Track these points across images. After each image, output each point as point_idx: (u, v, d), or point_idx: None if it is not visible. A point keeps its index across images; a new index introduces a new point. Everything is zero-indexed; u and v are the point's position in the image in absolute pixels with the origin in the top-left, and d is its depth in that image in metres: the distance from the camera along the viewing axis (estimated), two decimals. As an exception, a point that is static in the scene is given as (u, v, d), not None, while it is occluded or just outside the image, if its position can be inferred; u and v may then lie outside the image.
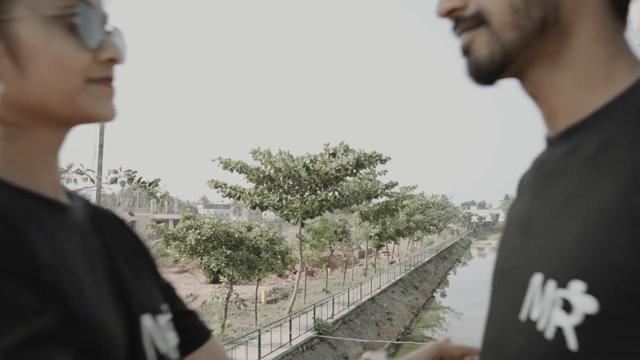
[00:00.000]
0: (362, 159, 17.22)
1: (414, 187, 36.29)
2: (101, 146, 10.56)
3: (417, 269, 35.03)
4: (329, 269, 28.70)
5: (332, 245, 27.29)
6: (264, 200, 18.61)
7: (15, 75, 0.58)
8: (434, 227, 48.62)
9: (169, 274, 34.72)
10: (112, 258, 0.67)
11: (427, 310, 29.18)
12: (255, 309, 21.18)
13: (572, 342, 0.49)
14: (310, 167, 16.97)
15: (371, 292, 23.45)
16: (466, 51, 0.62)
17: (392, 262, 36.45)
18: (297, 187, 17.64)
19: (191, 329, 0.76)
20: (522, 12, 0.57)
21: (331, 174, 17.02)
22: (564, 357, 0.50)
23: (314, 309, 17.08)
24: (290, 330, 15.15)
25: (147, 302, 0.68)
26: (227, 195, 19.10)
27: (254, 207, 18.98)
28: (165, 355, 0.66)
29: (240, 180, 21.36)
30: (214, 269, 18.69)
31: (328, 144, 17.80)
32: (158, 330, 0.67)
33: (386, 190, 22.60)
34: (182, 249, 18.81)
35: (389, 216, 29.46)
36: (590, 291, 0.48)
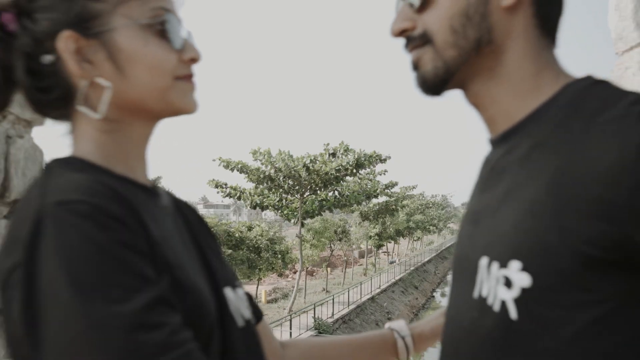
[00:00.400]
0: (362, 159, 17.25)
1: (413, 187, 36.31)
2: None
3: (417, 268, 35.02)
4: (329, 269, 28.75)
5: (332, 245, 27.33)
6: (264, 200, 18.63)
7: (116, 78, 0.66)
8: (434, 227, 48.62)
9: None
10: (195, 237, 0.74)
11: (427, 310, 29.18)
12: (255, 309, 21.32)
13: (513, 313, 0.58)
14: (310, 167, 17.00)
15: (371, 291, 23.47)
16: (415, 66, 0.71)
17: (392, 262, 36.47)
18: (297, 187, 17.67)
19: (251, 307, 0.82)
20: (460, 33, 0.66)
21: (331, 174, 17.06)
22: (507, 326, 0.59)
23: (314, 309, 17.10)
24: (291, 330, 15.17)
25: (227, 277, 0.75)
26: (227, 195, 19.12)
27: (254, 207, 19.00)
28: (249, 321, 0.74)
29: (240, 181, 21.40)
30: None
31: (328, 144, 17.83)
32: (239, 300, 0.74)
33: (386, 190, 22.62)
34: None
35: (389, 216, 29.48)
36: (525, 268, 0.57)
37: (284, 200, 18.53)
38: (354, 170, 17.47)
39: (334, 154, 17.57)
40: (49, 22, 0.65)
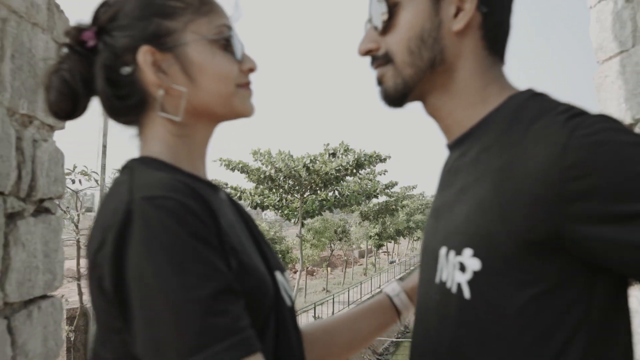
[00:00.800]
0: (362, 159, 17.27)
1: (413, 187, 36.29)
2: (104, 147, 10.66)
3: (417, 268, 35.02)
4: (329, 269, 28.77)
5: (332, 245, 27.34)
6: (265, 200, 18.66)
7: (187, 86, 0.75)
8: (434, 227, 48.44)
9: None
10: (248, 226, 0.81)
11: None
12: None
13: (466, 293, 0.67)
14: (311, 167, 17.03)
15: (371, 291, 23.53)
16: (379, 82, 0.80)
17: (392, 262, 36.49)
18: (297, 187, 17.71)
19: None
20: (416, 54, 0.75)
21: (331, 174, 17.08)
22: (462, 305, 0.68)
23: (314, 308, 17.18)
24: None
25: (276, 262, 0.82)
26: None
27: (254, 207, 18.99)
28: (294, 302, 0.81)
29: (240, 181, 21.37)
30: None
31: (328, 144, 17.86)
32: (286, 282, 0.81)
33: (386, 190, 22.65)
34: None
35: (389, 216, 29.51)
36: (475, 255, 0.66)
37: (284, 200, 18.57)
38: (354, 170, 17.49)
39: (334, 154, 17.60)
40: (129, 38, 0.74)
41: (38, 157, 1.57)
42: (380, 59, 0.79)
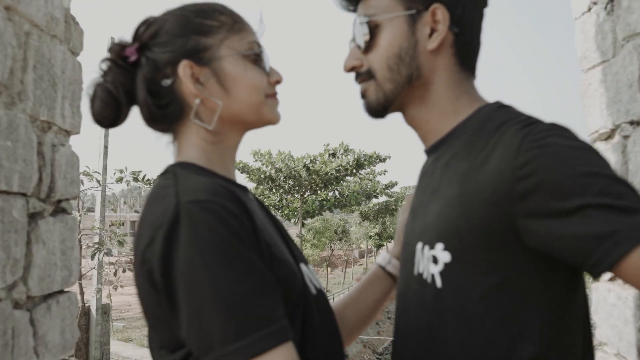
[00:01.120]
0: (362, 159, 17.35)
1: (413, 187, 36.23)
2: (106, 147, 10.74)
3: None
4: (329, 268, 28.85)
5: (332, 245, 27.44)
6: (265, 200, 18.72)
7: (222, 96, 0.82)
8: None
9: None
10: (274, 222, 0.87)
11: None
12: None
13: (438, 282, 0.76)
14: (311, 167, 17.11)
15: (371, 290, 23.52)
16: (363, 95, 0.89)
17: (392, 262, 36.40)
18: (297, 187, 17.79)
19: None
20: (395, 71, 0.84)
21: (331, 174, 17.15)
22: (435, 293, 0.76)
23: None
24: None
25: (300, 255, 0.88)
26: None
27: None
28: (320, 289, 0.87)
29: (241, 181, 21.40)
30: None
31: (328, 144, 17.94)
32: (310, 272, 0.87)
33: (386, 190, 22.74)
34: None
35: (389, 216, 29.59)
36: (446, 248, 0.74)
37: (285, 200, 18.66)
38: (354, 170, 17.58)
39: (334, 154, 17.68)
40: (170, 54, 0.81)
41: (56, 160, 1.67)
42: (363, 75, 0.88)
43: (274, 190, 18.30)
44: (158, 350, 0.74)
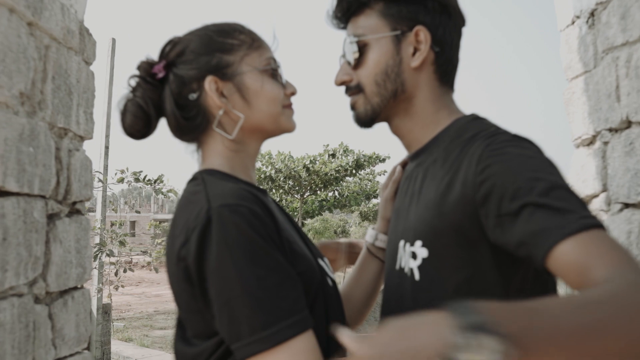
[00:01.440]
0: (362, 159, 17.38)
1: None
2: (107, 148, 10.84)
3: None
4: (328, 268, 28.72)
5: (332, 245, 27.34)
6: (265, 200, 18.68)
7: (244, 108, 0.89)
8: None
9: None
10: (291, 221, 0.94)
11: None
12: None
13: (417, 275, 0.83)
14: (310, 168, 17.14)
15: (370, 290, 23.50)
16: (352, 107, 0.97)
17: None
18: (297, 188, 17.83)
19: None
20: (382, 86, 0.92)
21: (331, 175, 17.16)
22: (414, 285, 0.84)
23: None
24: None
25: (316, 250, 0.94)
26: None
27: None
28: (337, 284, 0.92)
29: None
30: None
31: (327, 145, 17.97)
32: (327, 267, 0.92)
33: (385, 191, 22.61)
34: None
35: (388, 216, 29.47)
36: (424, 245, 0.83)
37: (285, 200, 18.72)
38: (354, 171, 17.60)
39: (333, 155, 17.70)
40: (195, 70, 0.88)
41: (72, 164, 1.78)
42: (353, 89, 0.96)
43: (273, 190, 18.33)
44: (191, 339, 0.80)
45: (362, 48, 0.93)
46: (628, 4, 1.56)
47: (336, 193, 19.27)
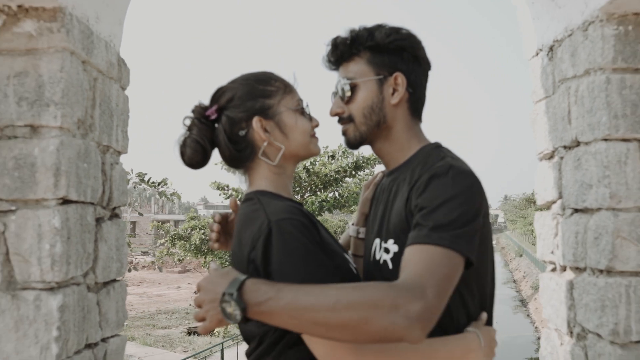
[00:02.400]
0: (361, 161, 17.58)
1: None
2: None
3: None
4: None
5: (331, 245, 27.43)
6: (266, 201, 18.80)
7: (283, 139, 1.14)
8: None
9: (173, 274, 34.47)
10: (323, 226, 1.15)
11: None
12: (257, 307, 21.34)
13: (390, 265, 1.09)
14: (310, 169, 17.33)
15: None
16: (344, 133, 1.24)
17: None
18: (297, 189, 18.03)
19: None
20: (368, 118, 1.19)
21: (331, 176, 17.35)
22: (388, 272, 1.09)
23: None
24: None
25: (341, 246, 1.17)
26: (229, 197, 19.36)
27: None
28: (357, 269, 1.16)
29: (242, 183, 21.46)
30: (218, 268, 19.10)
31: (327, 147, 18.18)
32: (351, 259, 1.16)
33: (384, 191, 22.72)
34: (187, 248, 19.17)
35: (387, 216, 29.56)
36: (395, 242, 1.09)
37: (285, 201, 18.82)
38: (353, 172, 17.84)
39: (333, 156, 17.89)
40: (244, 113, 1.12)
41: (113, 176, 2.11)
42: (345, 120, 1.23)
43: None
44: (258, 322, 0.98)
45: (353, 88, 1.21)
46: (576, 44, 1.89)
47: (336, 194, 19.45)
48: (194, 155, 1.15)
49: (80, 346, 1.81)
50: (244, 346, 14.33)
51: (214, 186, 18.95)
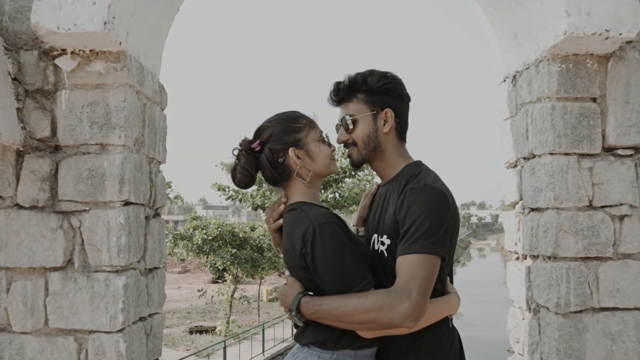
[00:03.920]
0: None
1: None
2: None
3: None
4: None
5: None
6: (266, 201, 19.09)
7: (311, 163, 1.58)
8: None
9: (173, 274, 34.67)
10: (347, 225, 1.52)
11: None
12: (258, 306, 21.76)
13: (385, 255, 1.56)
14: (311, 171, 17.53)
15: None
16: (349, 156, 1.71)
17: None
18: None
19: None
20: (367, 144, 1.67)
21: (330, 176, 17.67)
22: (384, 260, 1.55)
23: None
24: (292, 326, 15.71)
25: (362, 239, 1.64)
26: (229, 198, 19.65)
27: (255, 209, 19.37)
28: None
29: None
30: (219, 267, 19.29)
31: (327, 149, 18.45)
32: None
33: (382, 192, 22.85)
34: (189, 248, 19.46)
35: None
36: (388, 237, 1.56)
37: (286, 201, 19.03)
38: (352, 173, 18.20)
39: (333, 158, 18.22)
40: (281, 145, 1.54)
41: (157, 182, 2.58)
42: (350, 145, 1.67)
43: (275, 191, 18.58)
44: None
45: (354, 122, 1.67)
46: (531, 76, 2.36)
47: (336, 194, 19.76)
48: (243, 179, 1.60)
49: (136, 318, 2.28)
50: (245, 345, 14.98)
51: (215, 187, 19.22)
